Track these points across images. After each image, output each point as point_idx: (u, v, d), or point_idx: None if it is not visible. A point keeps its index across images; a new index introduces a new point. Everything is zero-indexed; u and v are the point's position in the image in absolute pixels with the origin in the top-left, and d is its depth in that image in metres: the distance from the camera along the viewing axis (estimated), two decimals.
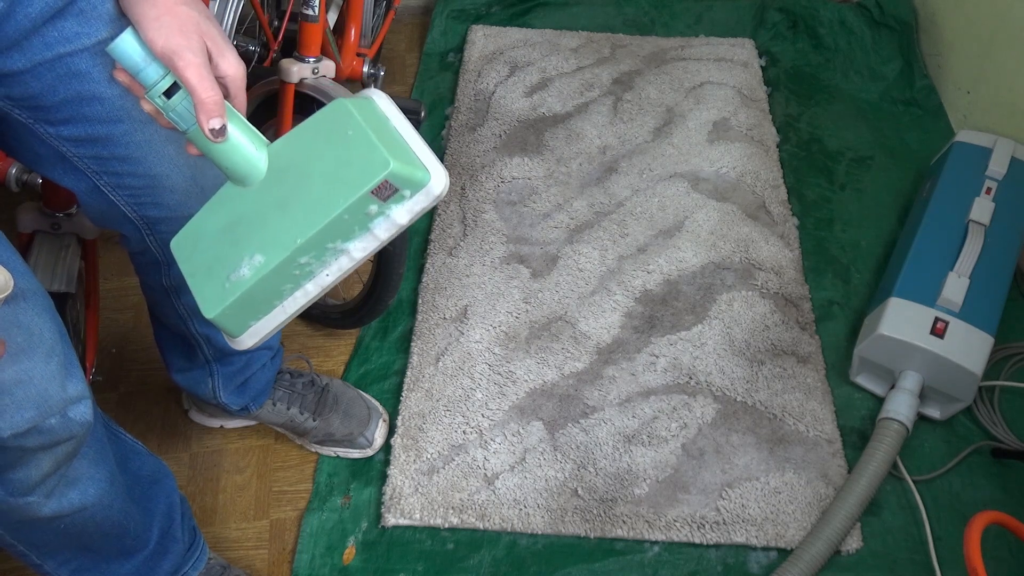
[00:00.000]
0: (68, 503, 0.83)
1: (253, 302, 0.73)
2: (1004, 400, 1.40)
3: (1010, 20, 1.66)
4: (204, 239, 0.74)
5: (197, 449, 1.35)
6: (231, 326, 0.75)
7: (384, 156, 0.69)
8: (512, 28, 2.05)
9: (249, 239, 0.72)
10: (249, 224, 0.72)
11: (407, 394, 1.37)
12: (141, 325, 1.49)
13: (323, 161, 0.71)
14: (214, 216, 0.74)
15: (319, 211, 0.70)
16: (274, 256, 0.71)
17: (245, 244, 0.72)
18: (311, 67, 1.28)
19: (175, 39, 0.67)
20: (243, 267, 0.71)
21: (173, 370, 1.20)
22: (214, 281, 0.72)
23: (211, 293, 0.73)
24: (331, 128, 0.72)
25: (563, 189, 1.68)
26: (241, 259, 0.71)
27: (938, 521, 1.27)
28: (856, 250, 1.63)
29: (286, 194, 0.72)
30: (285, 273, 0.72)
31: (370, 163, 0.69)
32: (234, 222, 0.73)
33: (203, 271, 0.73)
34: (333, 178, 0.71)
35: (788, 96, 1.92)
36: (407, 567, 1.21)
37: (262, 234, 0.72)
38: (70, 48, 0.75)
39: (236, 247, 0.72)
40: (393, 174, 0.69)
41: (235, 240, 0.72)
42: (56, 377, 0.73)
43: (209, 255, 0.73)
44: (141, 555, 1.00)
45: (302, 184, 0.71)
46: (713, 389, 1.38)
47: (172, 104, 0.70)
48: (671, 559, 1.22)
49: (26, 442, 0.72)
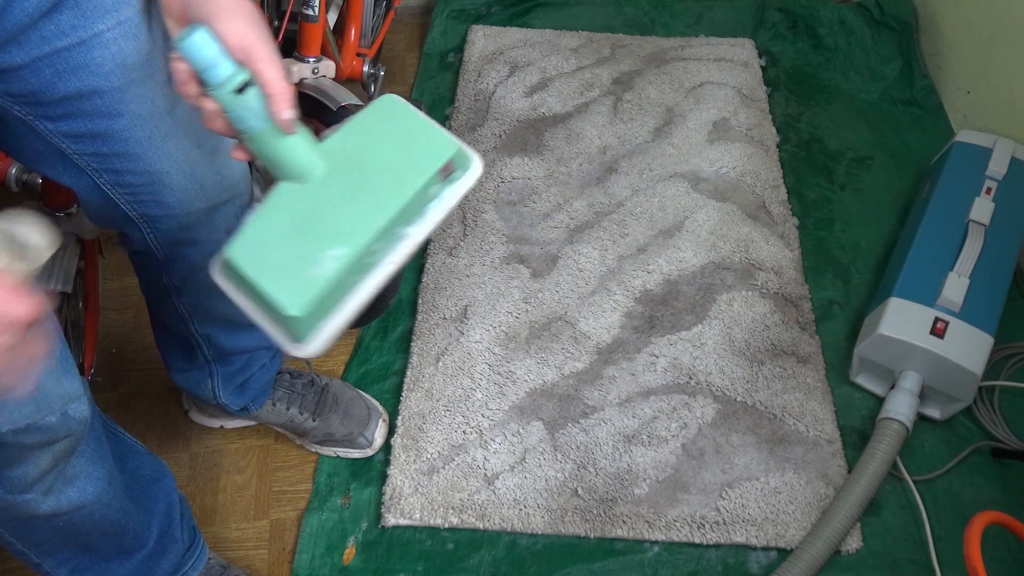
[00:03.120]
0: (67, 501, 0.83)
1: (329, 296, 0.71)
2: (1004, 400, 1.40)
3: (1010, 20, 1.66)
4: (271, 240, 0.72)
5: (197, 449, 1.35)
6: (305, 326, 0.72)
7: (449, 137, 0.73)
8: (512, 28, 2.05)
9: (324, 232, 0.71)
10: (320, 218, 0.71)
11: (407, 394, 1.37)
12: (141, 325, 1.49)
13: (384, 148, 0.73)
14: (276, 216, 0.72)
15: (393, 194, 0.71)
16: (355, 244, 0.70)
17: (321, 237, 0.70)
18: (311, 67, 1.28)
19: (252, 32, 0.66)
20: (325, 259, 0.69)
21: (173, 370, 1.20)
22: (292, 278, 0.70)
23: (291, 290, 0.70)
24: (384, 118, 0.74)
25: (563, 189, 1.68)
26: (320, 252, 0.70)
27: (938, 521, 1.27)
28: (856, 250, 1.62)
29: (353, 184, 0.72)
30: (359, 262, 0.71)
31: (436, 144, 0.73)
32: (302, 219, 0.71)
33: (276, 271, 0.70)
34: (400, 162, 0.72)
35: (788, 96, 1.92)
36: (407, 567, 1.21)
37: (338, 225, 0.71)
38: (67, 42, 0.75)
39: (311, 242, 0.70)
40: (458, 153, 0.73)
41: (308, 235, 0.71)
42: (53, 373, 0.73)
43: (281, 254, 0.71)
44: (140, 554, 1.00)
45: (367, 172, 0.72)
46: (713, 389, 1.38)
47: (245, 100, 0.67)
48: (671, 559, 1.22)
49: (25, 439, 0.72)
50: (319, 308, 0.71)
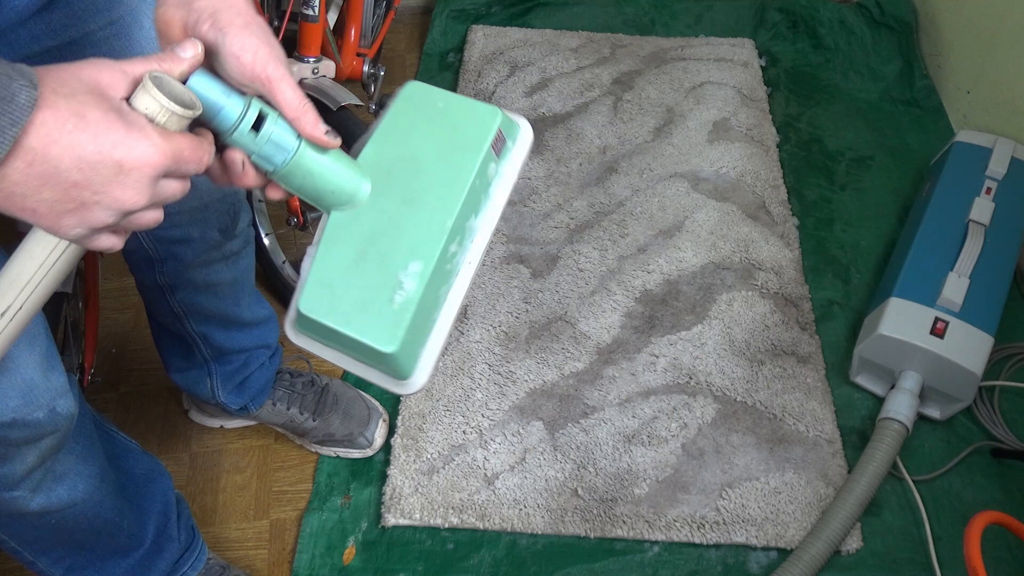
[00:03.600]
0: (56, 498, 0.83)
1: (421, 318, 0.64)
2: (1004, 400, 1.40)
3: (1010, 20, 1.66)
4: (340, 279, 0.64)
5: (197, 449, 1.35)
6: (407, 358, 0.65)
7: (489, 107, 0.66)
8: (512, 28, 2.05)
9: (393, 252, 0.63)
10: (384, 238, 0.64)
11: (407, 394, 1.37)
12: (141, 325, 1.49)
13: (426, 140, 0.66)
14: (337, 251, 0.64)
15: (452, 188, 0.64)
16: (431, 253, 0.63)
17: (392, 259, 0.63)
18: (311, 67, 1.28)
19: (264, 48, 0.57)
20: (404, 282, 0.63)
21: (171, 370, 1.20)
22: (377, 313, 0.63)
23: (381, 326, 0.63)
24: (414, 109, 0.67)
25: (563, 189, 1.68)
26: (396, 275, 0.63)
27: (938, 521, 1.27)
28: (856, 250, 1.62)
29: (406, 190, 0.65)
30: (440, 271, 0.64)
31: (479, 119, 0.66)
32: (365, 246, 0.64)
33: (358, 311, 0.63)
34: (448, 150, 0.65)
35: (788, 96, 1.92)
36: (407, 567, 1.21)
37: (406, 240, 0.63)
38: (59, 41, 0.74)
39: (383, 267, 0.63)
40: (504, 120, 0.67)
41: (378, 261, 0.63)
42: (39, 366, 0.73)
43: (356, 292, 0.63)
44: (136, 554, 1.00)
45: (417, 172, 0.65)
46: (713, 389, 1.38)
47: (265, 135, 0.59)
48: (671, 559, 1.22)
49: (10, 434, 0.72)
50: (415, 335, 0.64)
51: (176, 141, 0.53)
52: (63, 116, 0.48)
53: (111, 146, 0.49)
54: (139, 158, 0.50)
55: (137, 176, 0.51)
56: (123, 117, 0.50)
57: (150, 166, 0.51)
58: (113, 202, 0.51)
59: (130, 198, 0.51)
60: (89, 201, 0.50)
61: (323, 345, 0.67)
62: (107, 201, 0.50)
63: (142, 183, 0.51)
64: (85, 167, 0.49)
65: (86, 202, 0.50)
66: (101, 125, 0.49)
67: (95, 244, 0.54)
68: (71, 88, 0.49)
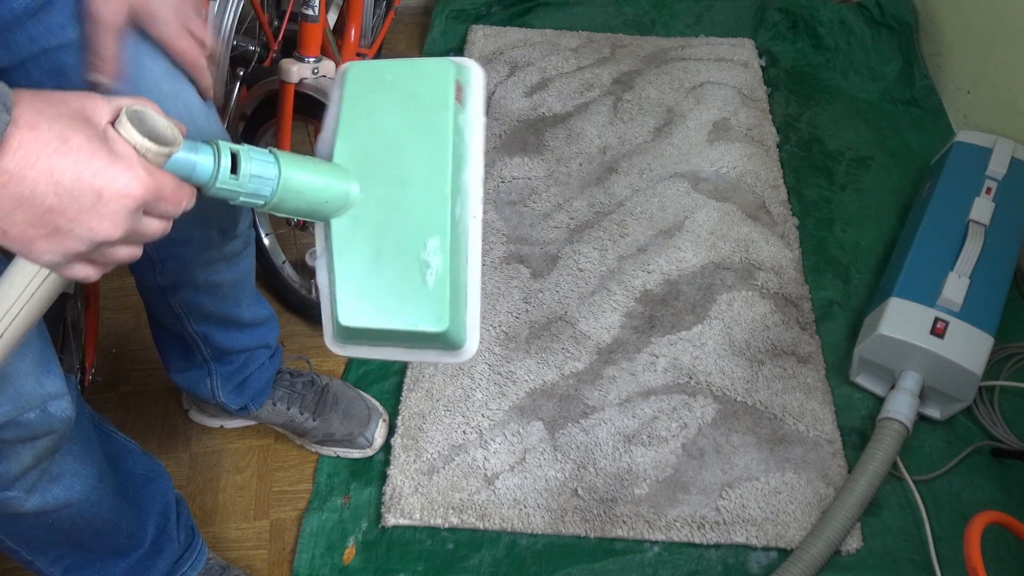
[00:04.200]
0: (52, 498, 0.83)
1: (456, 287, 0.65)
2: (1004, 400, 1.40)
3: (1010, 20, 1.66)
4: (368, 283, 0.64)
5: (197, 449, 1.35)
6: (457, 330, 0.65)
7: (439, 61, 0.65)
8: (512, 28, 2.05)
9: (408, 237, 0.63)
10: (392, 228, 0.64)
11: (407, 394, 1.37)
12: (141, 325, 1.49)
13: (392, 116, 0.65)
14: (355, 258, 0.64)
15: (435, 152, 0.64)
16: (442, 225, 0.63)
17: (409, 244, 0.63)
18: (311, 67, 1.28)
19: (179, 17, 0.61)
20: (429, 260, 0.63)
21: (172, 370, 1.20)
22: (416, 299, 0.63)
23: (425, 309, 0.63)
24: (368, 88, 0.66)
25: (563, 189, 1.68)
26: (419, 257, 0.63)
27: (938, 521, 1.27)
28: (856, 250, 1.62)
29: (393, 173, 0.64)
30: (455, 237, 0.64)
31: (434, 77, 0.65)
32: (378, 241, 0.64)
33: (398, 304, 0.63)
34: (417, 118, 0.65)
35: (788, 96, 1.92)
36: (407, 567, 1.21)
37: (414, 221, 0.63)
38: (56, 42, 0.74)
39: (404, 255, 0.63)
40: (458, 67, 0.66)
41: (396, 251, 0.63)
42: (31, 373, 0.73)
43: (389, 286, 0.64)
44: (136, 554, 1.00)
45: (396, 151, 0.65)
46: (713, 389, 1.38)
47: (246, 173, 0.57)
48: (671, 559, 1.22)
49: (4, 434, 0.72)
50: (456, 304, 0.65)
51: (159, 178, 0.52)
52: (44, 139, 0.47)
53: (92, 174, 0.48)
54: (119, 189, 0.49)
55: (115, 207, 0.50)
56: (108, 145, 0.50)
57: (130, 198, 0.50)
58: (87, 231, 0.50)
59: (105, 229, 0.50)
60: (63, 228, 0.49)
61: (372, 346, 0.67)
62: (80, 230, 0.49)
63: (119, 215, 0.50)
64: (62, 192, 0.48)
65: (60, 228, 0.49)
66: (84, 151, 0.48)
67: (70, 273, 0.53)
68: (57, 111, 0.48)
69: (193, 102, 0.86)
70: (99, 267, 0.54)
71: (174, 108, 0.84)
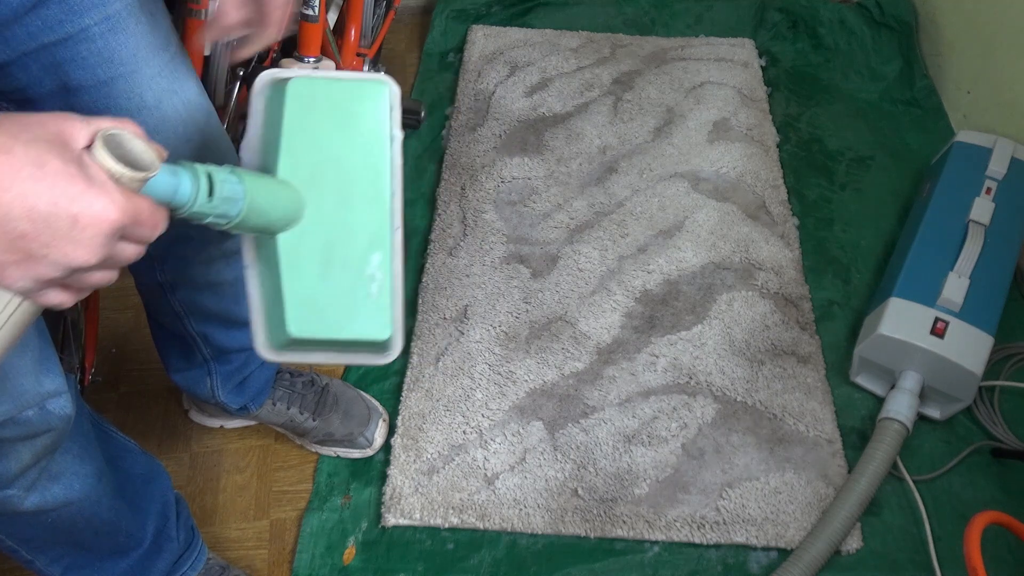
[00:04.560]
0: (51, 498, 0.83)
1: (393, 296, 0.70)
2: (1004, 400, 1.40)
3: (1010, 20, 1.66)
4: (316, 295, 0.67)
5: (197, 449, 1.35)
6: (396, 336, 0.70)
7: (374, 83, 0.69)
8: (512, 28, 2.05)
9: (353, 252, 0.67)
10: (339, 243, 0.67)
11: (407, 394, 1.37)
12: (141, 325, 1.49)
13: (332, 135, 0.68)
14: (302, 271, 0.67)
15: (374, 172, 0.68)
16: (384, 240, 0.68)
17: (355, 259, 0.68)
18: (311, 67, 1.28)
19: None
20: (375, 275, 0.67)
21: (171, 370, 1.20)
22: (362, 310, 0.67)
23: (371, 320, 0.67)
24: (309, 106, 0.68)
25: (563, 189, 1.68)
26: (364, 272, 0.67)
27: (938, 521, 1.27)
28: (856, 250, 1.62)
29: (336, 191, 0.67)
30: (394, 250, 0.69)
31: (370, 96, 0.69)
32: (325, 255, 0.67)
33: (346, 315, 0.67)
34: (355, 138, 0.68)
35: (788, 96, 1.92)
36: (407, 567, 1.21)
37: (358, 237, 0.67)
38: (54, 37, 0.74)
39: (351, 269, 0.67)
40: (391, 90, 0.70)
41: (343, 266, 0.67)
42: (30, 372, 0.73)
43: (336, 299, 0.67)
44: (135, 554, 1.00)
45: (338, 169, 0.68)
46: (713, 389, 1.38)
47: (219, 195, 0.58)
48: (671, 559, 1.22)
49: (3, 433, 0.72)
50: (394, 312, 0.70)
51: (136, 202, 0.51)
52: (19, 163, 0.46)
53: (68, 200, 0.47)
54: (96, 214, 0.48)
55: (92, 233, 0.49)
56: (84, 170, 0.49)
57: (107, 223, 0.49)
58: (62, 257, 0.48)
59: (80, 255, 0.49)
60: (37, 254, 0.48)
61: (306, 352, 0.70)
62: (55, 256, 0.48)
63: (96, 241, 0.49)
64: (36, 218, 0.47)
65: (33, 254, 0.48)
66: (60, 176, 0.47)
67: (43, 299, 0.52)
68: (33, 134, 0.47)
69: (192, 98, 0.86)
70: (74, 292, 0.53)
71: (172, 104, 0.84)
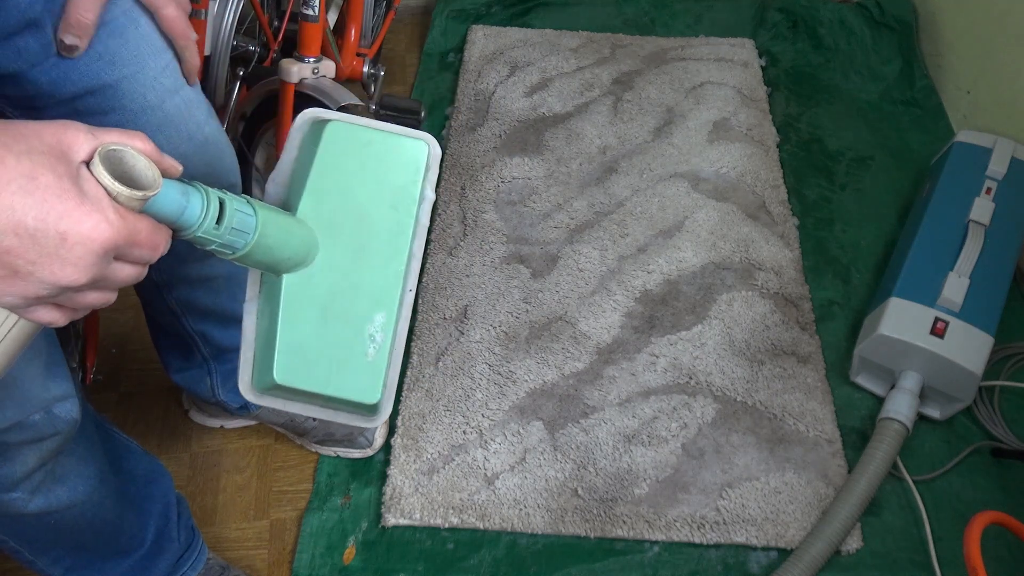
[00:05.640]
0: (56, 500, 0.83)
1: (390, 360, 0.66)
2: (1004, 400, 1.40)
3: (1010, 20, 1.66)
4: (311, 345, 0.64)
5: (197, 449, 1.35)
6: (386, 401, 0.67)
7: (415, 141, 0.66)
8: (512, 28, 2.05)
9: (357, 308, 0.64)
10: (344, 295, 0.64)
11: (407, 394, 1.37)
12: (141, 325, 1.49)
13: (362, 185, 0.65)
14: (302, 317, 0.64)
15: (397, 230, 0.65)
16: (391, 302, 0.64)
17: (357, 315, 0.64)
18: (311, 67, 1.28)
19: None
20: (374, 336, 0.64)
21: (171, 370, 1.20)
22: (354, 369, 0.64)
23: (362, 381, 0.64)
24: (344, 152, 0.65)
25: (563, 189, 1.68)
26: (364, 330, 0.64)
27: (938, 521, 1.27)
28: (856, 250, 1.63)
29: (353, 241, 0.64)
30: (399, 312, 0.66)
31: (408, 155, 0.66)
32: (327, 305, 0.64)
33: (337, 371, 0.64)
34: (385, 192, 0.65)
35: (788, 96, 1.92)
36: (407, 567, 1.21)
37: (365, 293, 0.64)
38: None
39: (351, 324, 0.64)
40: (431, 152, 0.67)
41: (343, 319, 0.64)
42: (38, 378, 0.73)
43: (330, 353, 0.64)
44: (136, 554, 1.00)
45: (360, 220, 0.65)
46: (713, 389, 1.38)
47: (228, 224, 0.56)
48: (671, 559, 1.22)
49: (9, 437, 0.72)
50: (388, 376, 0.66)
51: (132, 222, 0.49)
52: (10, 175, 0.44)
53: (57, 216, 0.45)
54: (85, 233, 0.46)
55: (81, 252, 0.46)
56: (78, 186, 0.46)
57: (97, 243, 0.47)
58: (49, 275, 0.46)
59: (68, 275, 0.47)
60: (22, 270, 0.46)
61: (289, 400, 0.67)
62: (42, 274, 0.46)
63: (85, 260, 0.47)
64: (23, 233, 0.45)
65: (19, 271, 0.46)
66: (51, 191, 0.45)
67: (33, 316, 0.50)
68: (28, 145, 0.46)
69: (193, 97, 0.86)
70: (67, 312, 0.51)
71: (174, 103, 0.84)
